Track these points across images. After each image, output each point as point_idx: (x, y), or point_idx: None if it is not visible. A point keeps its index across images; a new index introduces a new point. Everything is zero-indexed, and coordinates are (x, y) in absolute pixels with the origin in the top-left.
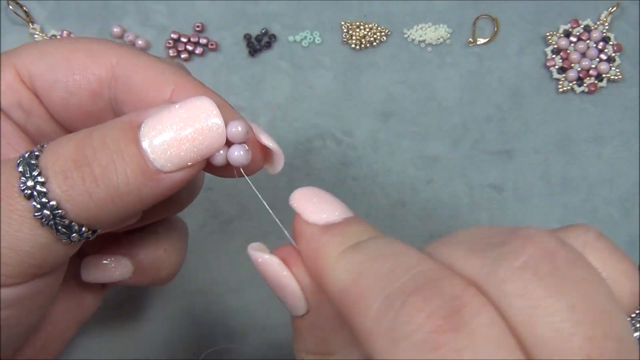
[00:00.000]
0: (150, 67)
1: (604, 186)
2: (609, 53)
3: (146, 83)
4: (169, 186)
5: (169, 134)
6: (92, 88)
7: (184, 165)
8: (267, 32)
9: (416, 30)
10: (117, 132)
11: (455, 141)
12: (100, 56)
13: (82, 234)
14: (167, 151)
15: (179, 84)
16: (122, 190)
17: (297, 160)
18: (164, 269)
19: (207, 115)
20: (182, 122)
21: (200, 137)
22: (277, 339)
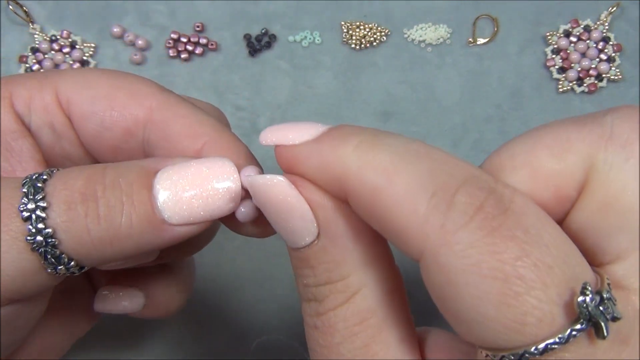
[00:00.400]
0: (188, 117)
1: None
2: (609, 53)
3: (182, 132)
4: (170, 238)
5: (182, 188)
6: (127, 127)
7: (190, 222)
8: (267, 32)
9: (416, 30)
10: (132, 175)
11: (455, 141)
12: (142, 98)
13: (69, 268)
14: (177, 205)
15: (213, 137)
16: (122, 233)
17: None
18: (173, 306)
19: (224, 177)
20: (199, 180)
21: (212, 198)
22: (277, 338)
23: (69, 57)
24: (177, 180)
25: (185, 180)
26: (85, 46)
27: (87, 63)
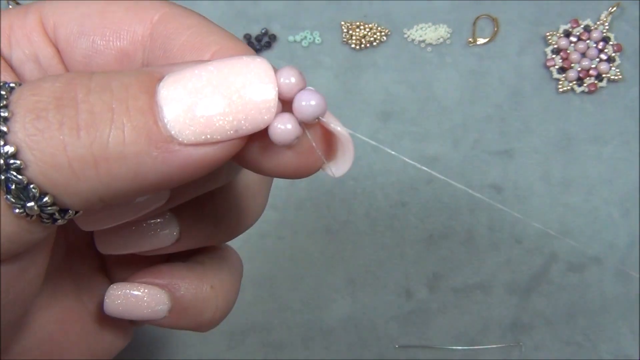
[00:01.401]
0: (195, 26)
1: (604, 186)
2: (609, 53)
3: (187, 45)
4: (181, 165)
5: (197, 93)
6: (122, 47)
7: (210, 140)
8: (267, 32)
9: (416, 30)
10: (129, 78)
11: (455, 141)
12: (142, 11)
13: (43, 207)
14: (189, 115)
15: (225, 46)
16: (111, 151)
17: None
18: (208, 311)
19: (255, 79)
20: (220, 83)
21: (239, 106)
22: (277, 339)
23: None
24: (189, 83)
25: (201, 84)
26: None
27: None
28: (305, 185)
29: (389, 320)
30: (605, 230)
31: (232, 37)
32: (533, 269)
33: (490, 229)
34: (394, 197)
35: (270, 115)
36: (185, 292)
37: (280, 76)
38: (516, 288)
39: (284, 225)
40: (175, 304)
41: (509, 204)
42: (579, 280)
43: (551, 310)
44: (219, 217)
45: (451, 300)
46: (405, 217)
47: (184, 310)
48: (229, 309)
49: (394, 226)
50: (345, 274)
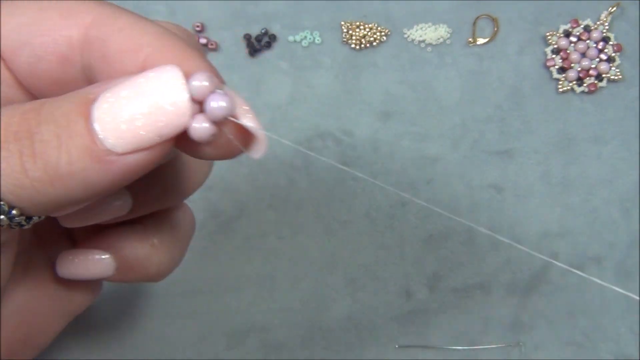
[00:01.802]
0: (127, 28)
1: (604, 186)
2: (609, 53)
3: (122, 47)
4: (121, 171)
5: (121, 107)
6: (61, 52)
7: (139, 147)
8: (267, 32)
9: (416, 30)
10: (68, 106)
11: (455, 141)
12: (75, 16)
13: (12, 218)
14: (117, 129)
15: (157, 47)
16: (62, 171)
17: (297, 160)
18: (152, 266)
19: (168, 85)
20: (139, 95)
21: (157, 114)
22: (277, 339)
23: None
24: (114, 100)
25: (123, 99)
26: None
27: None
28: (305, 185)
29: (389, 320)
30: (605, 230)
31: (164, 34)
32: (533, 269)
33: (490, 229)
34: (393, 197)
35: (186, 118)
36: (127, 252)
37: (192, 80)
38: (516, 288)
39: (284, 225)
40: (120, 262)
41: (509, 204)
42: (579, 280)
43: (551, 310)
44: (167, 184)
45: (451, 300)
46: (405, 217)
47: (129, 267)
48: (175, 263)
49: (394, 226)
50: (345, 274)
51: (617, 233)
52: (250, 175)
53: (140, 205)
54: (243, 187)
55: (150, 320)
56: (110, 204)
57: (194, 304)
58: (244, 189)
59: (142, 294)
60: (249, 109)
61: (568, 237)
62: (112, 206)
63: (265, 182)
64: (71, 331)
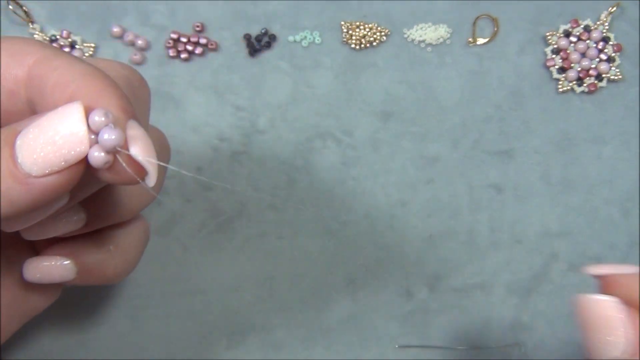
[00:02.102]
0: (60, 67)
1: (604, 186)
2: (609, 53)
3: (55, 84)
4: (41, 192)
5: (35, 137)
6: (9, 88)
7: (50, 171)
8: (267, 32)
9: (416, 30)
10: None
11: (455, 141)
12: (21, 57)
13: None
14: (32, 154)
15: (81, 84)
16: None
17: (297, 160)
18: (109, 270)
19: (69, 119)
20: (50, 126)
21: (61, 142)
22: (277, 339)
23: None
24: (31, 131)
25: (37, 129)
26: (85, 46)
27: None
28: (305, 185)
29: (389, 320)
30: (605, 230)
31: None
32: (533, 269)
33: (490, 229)
34: (393, 197)
35: (84, 147)
36: (86, 257)
37: (92, 115)
38: (516, 288)
39: (284, 225)
40: (80, 267)
41: (509, 204)
42: (579, 280)
43: (551, 310)
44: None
45: (451, 300)
46: (405, 217)
47: (88, 271)
48: (131, 266)
49: (394, 226)
50: (345, 274)
51: (617, 233)
52: (250, 175)
53: (93, 221)
54: (243, 187)
55: (150, 320)
56: (68, 220)
57: (194, 304)
58: (244, 189)
59: (142, 294)
60: (144, 142)
61: (568, 237)
62: (69, 221)
63: (265, 181)
64: (71, 331)
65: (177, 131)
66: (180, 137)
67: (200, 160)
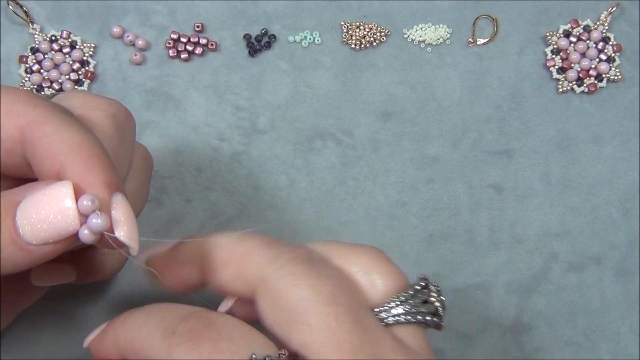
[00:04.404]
0: (50, 135)
1: (604, 186)
2: (609, 53)
3: (45, 152)
4: (39, 257)
5: (33, 213)
6: (7, 146)
7: (47, 241)
8: (267, 32)
9: (416, 30)
10: (2, 206)
11: (455, 141)
12: (15, 117)
13: None
14: (31, 228)
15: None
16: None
17: (297, 160)
18: (106, 269)
19: (60, 200)
20: (44, 204)
21: (55, 220)
22: None
23: (69, 57)
24: (29, 206)
25: (35, 206)
26: (85, 46)
27: (87, 63)
28: (305, 185)
29: None
30: (605, 230)
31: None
32: (533, 269)
33: (490, 229)
34: (393, 197)
35: (76, 225)
36: (84, 262)
37: (80, 200)
38: (516, 288)
39: (284, 225)
40: (80, 270)
41: (509, 204)
42: (579, 280)
43: (551, 310)
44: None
45: (451, 300)
46: (405, 217)
47: (87, 272)
48: (123, 262)
49: (394, 226)
50: None
51: (617, 233)
52: (250, 175)
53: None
54: (243, 187)
55: None
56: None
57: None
58: (244, 189)
59: (142, 294)
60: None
61: (568, 237)
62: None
63: (265, 181)
64: (71, 331)
65: (177, 131)
66: (180, 137)
67: (200, 160)
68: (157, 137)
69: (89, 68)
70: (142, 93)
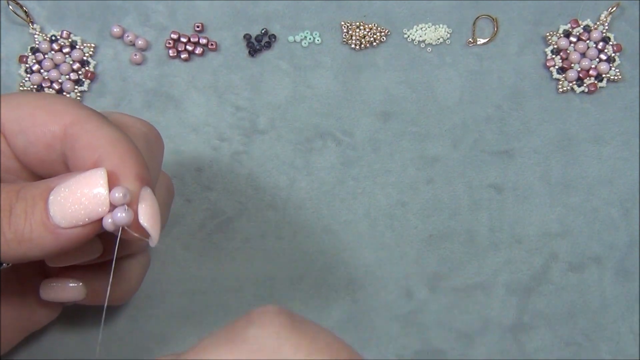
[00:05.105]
0: (91, 131)
1: (604, 186)
2: (609, 53)
3: (85, 146)
4: (67, 240)
5: (66, 196)
6: (47, 141)
7: (75, 224)
8: (267, 32)
9: (416, 30)
10: (35, 190)
11: (455, 141)
12: (59, 116)
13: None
14: (62, 210)
15: (107, 149)
16: (26, 236)
17: (297, 160)
18: (114, 293)
19: (95, 184)
20: (78, 188)
21: (86, 202)
22: None
23: (69, 57)
24: (62, 190)
25: (68, 189)
26: (85, 46)
27: (87, 63)
28: (305, 185)
29: (389, 320)
30: (605, 230)
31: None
32: (533, 269)
33: (490, 229)
34: (393, 197)
35: (105, 208)
36: (95, 283)
37: (113, 191)
38: (516, 288)
39: (284, 225)
40: (90, 290)
41: (509, 204)
42: (579, 280)
43: (551, 310)
44: None
45: (451, 300)
46: (405, 217)
47: (96, 293)
48: (132, 292)
49: (394, 226)
50: (345, 274)
51: (617, 233)
52: (250, 175)
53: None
54: (243, 187)
55: (150, 320)
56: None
57: (194, 304)
58: (244, 189)
59: (142, 294)
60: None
61: (568, 237)
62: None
63: (266, 181)
64: (72, 331)
65: (177, 131)
66: (180, 137)
67: (200, 160)
68: None
69: (89, 68)
70: (142, 93)
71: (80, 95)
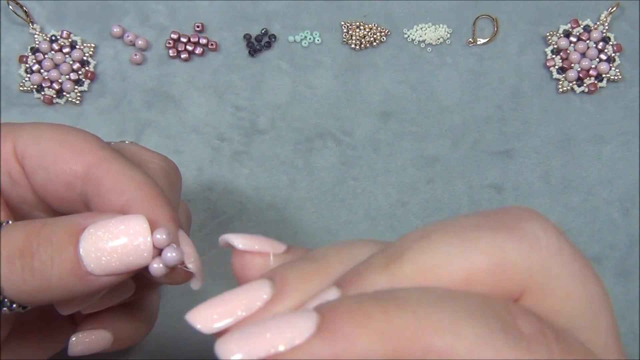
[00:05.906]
0: (117, 173)
1: (604, 186)
2: (609, 53)
3: (111, 188)
4: (97, 288)
5: (102, 243)
6: (68, 180)
7: (112, 273)
8: (267, 32)
9: (416, 30)
10: (62, 233)
11: (455, 141)
12: (82, 155)
13: (12, 309)
14: (98, 258)
15: (135, 194)
16: (54, 284)
17: (297, 160)
18: (139, 334)
19: (136, 233)
20: (115, 236)
21: (127, 252)
22: None
23: (69, 57)
24: (98, 236)
25: (104, 237)
26: (85, 46)
27: (87, 63)
28: (305, 185)
29: None
30: (605, 230)
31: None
32: None
33: None
34: (393, 197)
35: (149, 258)
36: (122, 330)
37: (155, 233)
38: None
39: (284, 225)
40: (115, 336)
41: (509, 204)
42: None
43: None
44: None
45: None
46: (405, 217)
47: (122, 338)
48: (151, 326)
49: (394, 226)
50: None
51: (617, 233)
52: (250, 175)
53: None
54: (243, 187)
55: None
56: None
57: (194, 304)
58: (244, 189)
59: None
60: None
61: (568, 237)
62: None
63: (266, 181)
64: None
65: (177, 131)
66: (180, 137)
67: (200, 160)
68: (157, 137)
69: (89, 68)
70: (142, 93)
71: (80, 95)
